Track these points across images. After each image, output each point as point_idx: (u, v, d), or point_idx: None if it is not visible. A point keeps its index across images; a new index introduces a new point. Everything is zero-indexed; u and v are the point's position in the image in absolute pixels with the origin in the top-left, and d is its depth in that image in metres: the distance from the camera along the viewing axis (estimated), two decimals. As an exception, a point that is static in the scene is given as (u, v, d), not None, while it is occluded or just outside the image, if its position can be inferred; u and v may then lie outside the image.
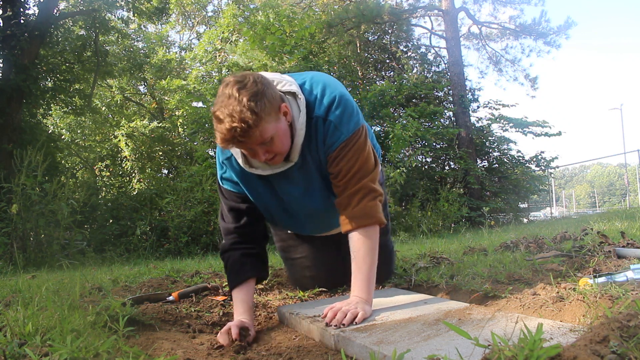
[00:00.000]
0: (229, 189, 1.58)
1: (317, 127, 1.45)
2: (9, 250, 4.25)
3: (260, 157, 1.36)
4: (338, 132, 1.44)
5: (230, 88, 1.26)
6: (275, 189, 1.56)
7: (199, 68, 13.60)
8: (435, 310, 1.36)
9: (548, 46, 14.10)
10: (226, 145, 1.30)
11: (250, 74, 1.33)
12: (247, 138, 1.27)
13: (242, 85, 1.26)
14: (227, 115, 1.24)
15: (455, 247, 3.20)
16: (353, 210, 1.44)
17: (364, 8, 11.84)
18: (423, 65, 15.10)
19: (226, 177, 1.58)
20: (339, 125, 1.44)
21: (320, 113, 1.45)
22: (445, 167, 12.64)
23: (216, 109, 1.27)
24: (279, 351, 1.24)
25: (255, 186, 1.56)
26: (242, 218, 1.59)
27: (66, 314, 1.23)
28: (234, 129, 1.24)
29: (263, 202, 1.60)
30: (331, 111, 1.44)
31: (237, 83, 1.27)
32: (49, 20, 7.50)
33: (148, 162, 12.57)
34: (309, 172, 1.52)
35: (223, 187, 1.60)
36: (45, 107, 9.03)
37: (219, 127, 1.27)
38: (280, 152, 1.39)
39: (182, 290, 1.84)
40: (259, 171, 1.47)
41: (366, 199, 1.45)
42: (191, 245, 5.75)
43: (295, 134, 1.42)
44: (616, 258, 1.89)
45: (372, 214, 1.44)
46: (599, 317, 1.08)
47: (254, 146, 1.32)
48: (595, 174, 71.54)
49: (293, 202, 1.60)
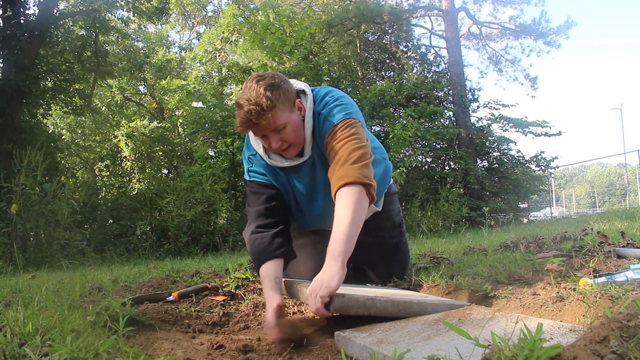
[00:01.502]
0: (257, 180, 1.68)
1: (317, 122, 1.59)
2: (9, 250, 4.26)
3: (273, 145, 1.49)
4: (328, 121, 1.57)
5: (251, 81, 1.45)
6: (292, 185, 1.69)
7: (199, 68, 13.61)
8: (435, 310, 1.36)
9: (548, 46, 14.11)
10: (243, 129, 1.45)
11: (272, 72, 1.50)
12: (261, 120, 1.41)
13: (261, 78, 1.45)
14: (245, 100, 1.41)
15: (455, 247, 3.20)
16: (342, 167, 1.41)
17: (364, 8, 11.84)
18: (423, 65, 15.11)
19: (253, 169, 1.69)
20: (328, 116, 1.57)
21: (318, 109, 1.59)
22: (445, 167, 12.64)
23: (238, 98, 1.45)
24: (279, 351, 1.24)
25: (279, 178, 1.68)
26: (271, 201, 1.68)
27: (66, 314, 1.22)
28: (249, 112, 1.40)
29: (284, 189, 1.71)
30: (322, 105, 1.60)
31: (258, 76, 1.46)
32: (49, 20, 7.50)
33: (148, 162, 12.57)
34: (315, 170, 1.64)
35: (251, 181, 1.70)
36: (45, 107, 9.04)
37: (238, 112, 1.43)
38: (292, 142, 1.52)
39: (182, 290, 1.83)
40: (277, 163, 1.61)
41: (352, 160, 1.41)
42: (191, 245, 5.75)
43: (305, 128, 1.56)
44: (616, 258, 1.89)
45: (356, 173, 1.38)
46: (599, 317, 1.08)
47: (267, 132, 1.46)
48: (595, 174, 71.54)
49: (300, 195, 1.71)
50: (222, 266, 2.74)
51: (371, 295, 1.29)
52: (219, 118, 8.71)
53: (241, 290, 1.92)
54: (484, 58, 16.14)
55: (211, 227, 6.24)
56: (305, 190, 1.69)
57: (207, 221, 6.25)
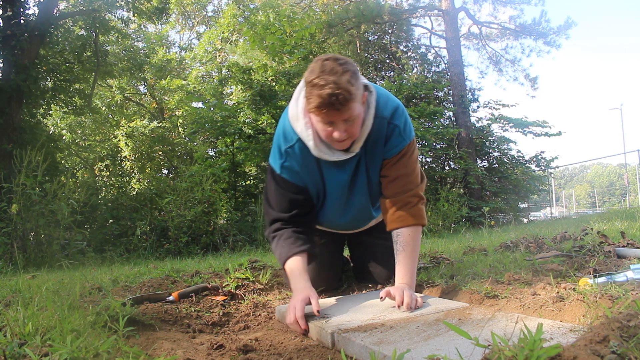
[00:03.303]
0: (287, 179, 1.64)
1: (381, 127, 1.56)
2: (9, 250, 4.25)
3: (336, 134, 1.43)
4: (401, 137, 1.59)
5: (333, 62, 1.37)
6: (324, 181, 1.66)
7: (199, 68, 13.61)
8: (435, 310, 1.36)
9: (548, 46, 14.10)
10: (320, 110, 1.37)
11: (345, 57, 1.43)
12: (343, 107, 1.36)
13: (344, 62, 1.38)
14: (331, 82, 1.33)
15: (455, 247, 3.20)
16: (409, 210, 1.61)
17: (364, 8, 11.84)
18: (423, 65, 15.10)
19: (287, 165, 1.63)
20: (403, 132, 1.59)
21: (386, 115, 1.57)
22: (445, 167, 12.64)
23: (314, 77, 1.35)
24: (279, 351, 1.24)
25: (312, 176, 1.65)
26: (298, 197, 1.66)
27: (66, 314, 1.23)
28: (336, 95, 1.33)
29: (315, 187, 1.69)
30: (396, 116, 1.58)
31: (338, 59, 1.38)
32: (49, 20, 7.49)
33: (148, 162, 12.57)
34: (359, 169, 1.63)
35: (281, 176, 1.64)
36: (45, 107, 9.03)
37: (318, 92, 1.34)
38: (353, 135, 1.48)
39: (182, 290, 1.83)
40: (325, 156, 1.55)
41: (419, 203, 1.65)
42: (191, 245, 5.75)
43: (364, 126, 1.51)
44: (616, 258, 1.89)
45: (421, 215, 1.64)
46: (599, 317, 1.08)
47: (341, 119, 1.40)
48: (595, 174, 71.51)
49: (333, 193, 1.68)
50: (222, 266, 2.74)
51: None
52: (219, 118, 8.71)
53: (241, 290, 1.92)
54: (484, 58, 16.15)
55: (211, 227, 6.23)
56: (340, 189, 1.67)
57: (207, 221, 6.24)
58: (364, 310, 1.44)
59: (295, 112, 1.55)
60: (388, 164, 1.62)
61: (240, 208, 7.74)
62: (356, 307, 1.51)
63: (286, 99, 8.64)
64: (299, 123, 1.54)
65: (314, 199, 1.71)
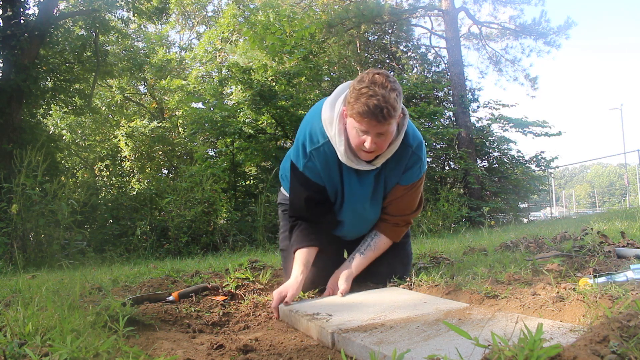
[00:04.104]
0: (309, 177, 1.74)
1: (406, 154, 1.69)
2: (9, 250, 4.25)
3: (370, 144, 1.51)
4: (419, 170, 1.75)
5: (384, 77, 1.46)
6: (343, 187, 1.76)
7: (199, 68, 13.61)
8: (435, 310, 1.36)
9: (548, 46, 14.12)
10: (362, 117, 1.45)
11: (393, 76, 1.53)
12: (384, 120, 1.45)
13: (393, 80, 1.47)
14: (380, 95, 1.42)
15: (455, 247, 3.20)
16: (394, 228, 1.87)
17: (364, 8, 11.85)
18: (423, 65, 15.11)
19: (310, 165, 1.72)
20: (422, 165, 1.75)
21: (412, 144, 1.69)
22: (445, 167, 12.64)
23: (364, 86, 1.44)
24: (279, 351, 1.24)
25: (332, 179, 1.75)
26: (317, 195, 1.77)
27: (66, 314, 1.22)
28: (382, 108, 1.42)
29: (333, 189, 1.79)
30: (420, 149, 1.72)
31: (388, 76, 1.47)
32: (49, 20, 7.50)
33: (148, 162, 12.57)
34: (379, 183, 1.75)
35: (303, 174, 1.74)
36: (45, 107, 9.03)
37: (366, 100, 1.42)
38: (381, 149, 1.57)
39: (182, 290, 1.83)
40: (352, 163, 1.64)
41: (405, 226, 1.91)
42: (191, 245, 5.75)
43: (392, 145, 1.61)
44: (616, 258, 1.90)
45: (400, 235, 1.91)
46: (599, 317, 1.08)
47: (377, 131, 1.49)
48: (595, 174, 71.51)
49: (351, 201, 1.79)
50: (222, 266, 2.74)
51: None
52: (219, 118, 8.71)
53: (241, 290, 1.92)
54: (484, 58, 16.17)
55: (211, 227, 6.23)
56: (356, 195, 1.77)
57: (207, 221, 6.24)
58: (365, 310, 1.44)
59: (331, 115, 1.61)
60: (400, 189, 1.77)
61: (240, 208, 7.74)
62: (358, 306, 1.51)
63: (286, 99, 8.65)
64: (332, 127, 1.61)
65: (332, 200, 1.82)
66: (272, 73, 9.05)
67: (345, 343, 1.16)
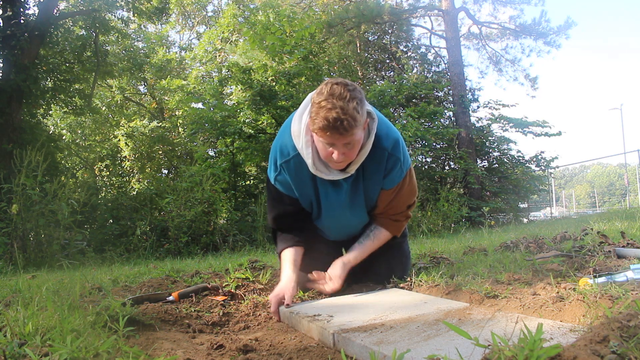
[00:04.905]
0: (280, 190, 1.76)
1: (382, 157, 1.65)
2: (9, 250, 4.25)
3: (337, 156, 1.49)
4: (400, 170, 1.69)
5: (342, 87, 1.43)
6: (319, 196, 1.75)
7: (199, 68, 13.61)
8: (435, 310, 1.36)
9: (548, 46, 14.12)
10: (323, 132, 1.43)
11: (354, 83, 1.50)
12: (346, 132, 1.42)
13: (352, 89, 1.44)
14: (338, 107, 1.39)
15: (455, 247, 3.20)
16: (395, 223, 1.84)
17: (364, 8, 11.85)
18: (423, 65, 15.11)
19: (280, 179, 1.73)
20: (403, 164, 1.69)
21: (387, 145, 1.64)
22: (445, 167, 12.64)
23: (323, 99, 1.41)
24: (279, 351, 1.24)
25: (305, 190, 1.75)
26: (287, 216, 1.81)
27: (66, 314, 1.22)
28: (342, 120, 1.39)
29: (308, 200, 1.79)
30: (397, 149, 1.66)
31: (347, 85, 1.44)
32: (49, 20, 7.50)
33: (148, 162, 12.57)
34: (357, 189, 1.72)
35: (274, 187, 1.77)
36: (45, 107, 9.03)
37: (325, 114, 1.40)
38: (350, 158, 1.54)
39: (182, 290, 1.83)
40: (322, 175, 1.62)
41: (405, 220, 1.87)
42: (191, 245, 5.75)
43: (362, 151, 1.58)
44: (616, 258, 1.90)
45: (401, 229, 1.89)
46: (599, 317, 1.08)
47: (341, 142, 1.46)
48: (595, 174, 71.50)
49: (330, 209, 1.78)
50: (222, 266, 2.74)
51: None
52: (219, 118, 8.71)
53: (241, 290, 1.92)
54: (484, 58, 16.18)
55: (211, 227, 6.24)
56: (339, 208, 1.76)
57: (207, 221, 6.25)
58: (366, 310, 1.44)
59: (298, 128, 1.59)
60: (387, 193, 1.74)
61: (240, 208, 7.74)
62: (358, 307, 1.51)
63: (286, 99, 8.65)
64: (300, 140, 1.59)
65: (307, 210, 1.82)
66: (272, 73, 9.05)
67: (346, 343, 1.16)
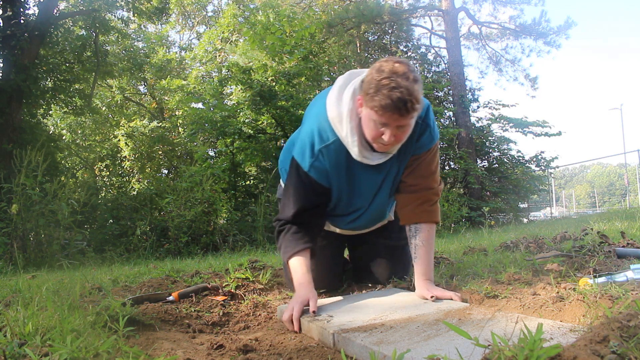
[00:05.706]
0: (314, 178, 1.59)
1: (415, 125, 1.53)
2: (9, 250, 4.25)
3: (388, 137, 1.41)
4: (431, 136, 1.61)
5: (405, 67, 1.35)
6: (352, 183, 1.64)
7: (199, 68, 13.61)
8: (435, 310, 1.36)
9: (548, 46, 14.13)
10: (383, 110, 1.34)
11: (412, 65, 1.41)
12: (407, 114, 1.35)
13: (413, 70, 1.36)
14: (403, 87, 1.31)
15: (455, 247, 3.20)
16: (430, 207, 1.66)
17: (364, 8, 11.85)
18: (423, 65, 15.10)
19: (317, 165, 1.57)
20: (433, 131, 1.61)
21: (421, 114, 1.55)
22: (445, 167, 12.65)
23: (384, 77, 1.33)
24: (279, 351, 1.24)
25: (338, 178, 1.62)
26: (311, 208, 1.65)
27: (66, 314, 1.23)
28: (406, 101, 1.32)
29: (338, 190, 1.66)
30: (428, 116, 1.59)
31: (409, 67, 1.36)
32: (49, 20, 7.50)
33: (148, 162, 12.57)
34: (391, 167, 1.63)
35: (307, 175, 1.59)
36: (45, 107, 9.03)
37: (388, 93, 1.31)
38: (400, 141, 1.48)
39: (182, 290, 1.83)
40: (368, 160, 1.53)
41: (438, 201, 1.71)
42: (191, 245, 5.75)
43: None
44: (616, 258, 1.90)
45: (438, 213, 1.71)
46: (599, 317, 1.08)
47: (398, 124, 1.39)
48: (595, 174, 71.50)
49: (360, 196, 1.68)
50: (222, 266, 2.74)
51: None
52: (219, 118, 8.71)
53: (241, 290, 1.92)
54: (484, 58, 16.17)
55: (211, 227, 6.23)
56: (370, 189, 1.67)
57: (207, 221, 6.24)
58: (366, 311, 1.44)
59: (338, 113, 1.49)
60: (416, 160, 1.64)
61: (240, 208, 7.74)
62: (358, 307, 1.51)
63: (286, 99, 8.65)
64: (343, 126, 1.49)
65: (333, 201, 1.69)
66: (272, 73, 9.05)
67: (346, 343, 1.16)
